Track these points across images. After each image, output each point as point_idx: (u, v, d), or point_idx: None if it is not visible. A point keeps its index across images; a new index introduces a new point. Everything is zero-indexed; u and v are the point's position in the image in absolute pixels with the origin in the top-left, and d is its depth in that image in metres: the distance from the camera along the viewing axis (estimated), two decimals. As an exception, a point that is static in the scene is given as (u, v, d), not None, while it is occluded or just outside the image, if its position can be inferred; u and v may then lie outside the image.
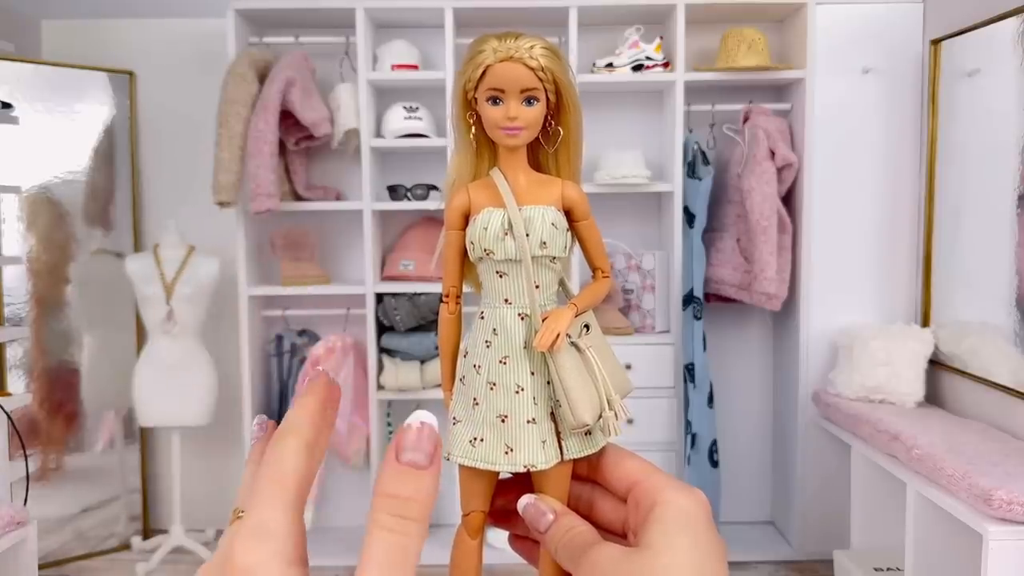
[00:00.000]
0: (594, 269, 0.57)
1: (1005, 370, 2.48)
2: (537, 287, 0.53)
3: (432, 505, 0.32)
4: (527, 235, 0.52)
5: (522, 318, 0.52)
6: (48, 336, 3.16)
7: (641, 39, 3.05)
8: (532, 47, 0.51)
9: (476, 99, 0.53)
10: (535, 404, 0.51)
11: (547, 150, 0.56)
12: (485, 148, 0.55)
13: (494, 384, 0.51)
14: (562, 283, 0.56)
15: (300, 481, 0.33)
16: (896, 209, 3.08)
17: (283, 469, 0.33)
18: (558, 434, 0.51)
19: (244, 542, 0.31)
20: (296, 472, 0.33)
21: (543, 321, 0.51)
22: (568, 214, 0.54)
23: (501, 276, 0.53)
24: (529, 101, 0.52)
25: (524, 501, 0.47)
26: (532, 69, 0.51)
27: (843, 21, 3.02)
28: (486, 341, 0.52)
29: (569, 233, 0.54)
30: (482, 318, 0.54)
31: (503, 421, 0.51)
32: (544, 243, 0.52)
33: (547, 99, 0.53)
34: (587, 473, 0.50)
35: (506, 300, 0.53)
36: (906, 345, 2.79)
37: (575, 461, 0.51)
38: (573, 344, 0.52)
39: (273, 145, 2.82)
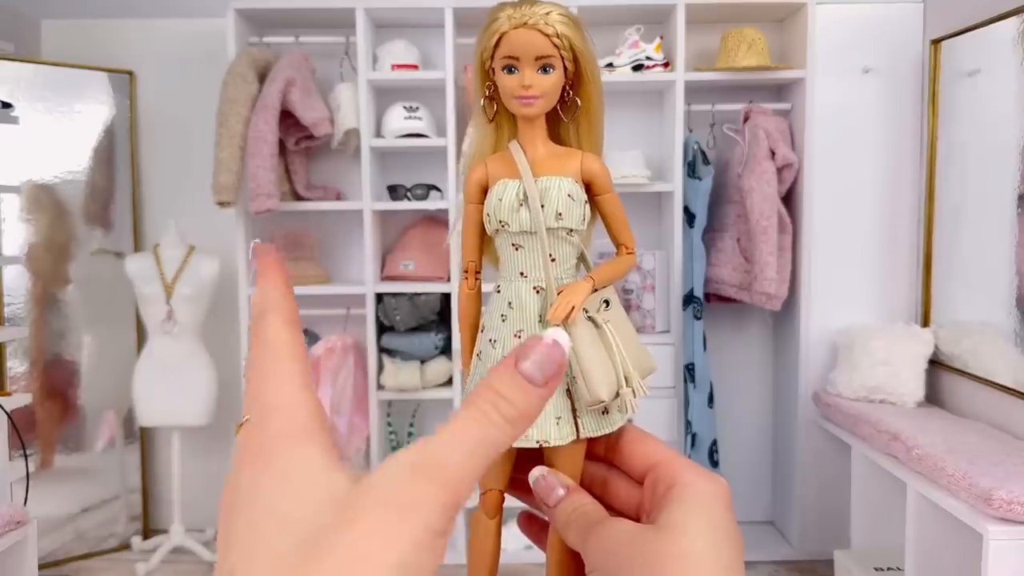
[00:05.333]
0: (617, 245, 0.55)
1: (1005, 370, 2.48)
2: (553, 260, 0.51)
3: (531, 424, 0.30)
4: (542, 206, 0.50)
5: (537, 291, 0.51)
6: (48, 336, 3.16)
7: (641, 39, 3.05)
8: (548, 13, 0.50)
9: (493, 69, 0.51)
10: None
11: (565, 121, 0.54)
12: (505, 120, 0.54)
13: None
14: (583, 258, 0.54)
15: (295, 354, 0.31)
16: (896, 209, 3.08)
17: (275, 348, 0.32)
18: (574, 411, 0.49)
19: (253, 425, 0.30)
20: (289, 346, 0.32)
21: (559, 294, 0.50)
22: (588, 187, 0.52)
23: (517, 249, 0.52)
24: (545, 69, 0.50)
25: (536, 473, 0.46)
26: (547, 36, 0.50)
27: (843, 21, 3.02)
28: (502, 315, 0.51)
29: (588, 206, 0.52)
30: (498, 292, 0.53)
31: None
32: (560, 214, 0.50)
33: (564, 68, 0.51)
34: (604, 453, 0.49)
35: (521, 273, 0.52)
36: (906, 345, 2.79)
37: (591, 441, 0.49)
38: (590, 319, 0.51)
39: (273, 145, 2.82)
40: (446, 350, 3.11)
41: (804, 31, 2.98)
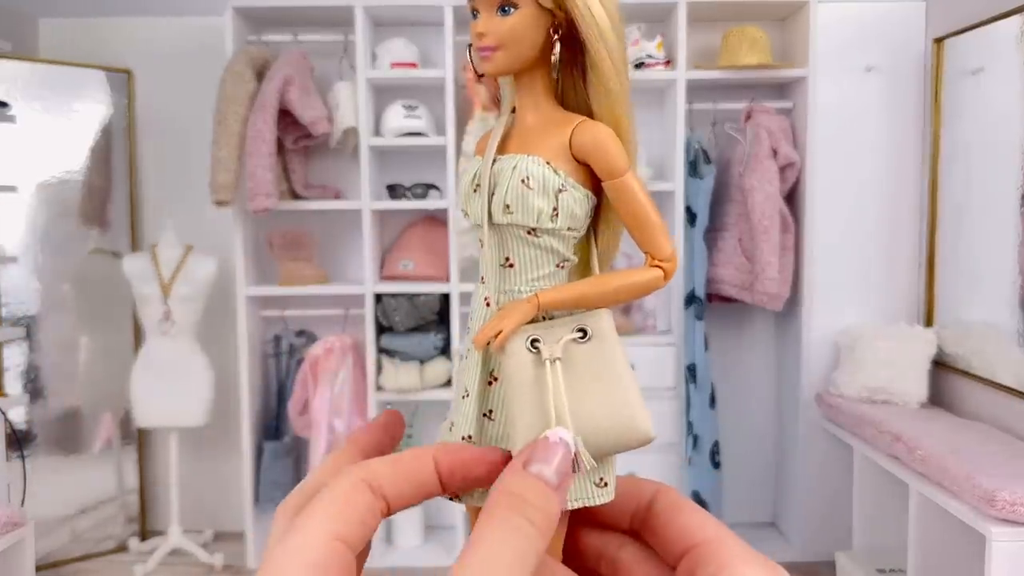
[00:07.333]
0: (644, 252, 0.41)
1: (1009, 371, 2.47)
2: (511, 266, 0.40)
3: (554, 525, 0.30)
4: (493, 194, 0.39)
5: (488, 304, 0.40)
6: (45, 336, 3.14)
7: (642, 37, 3.03)
8: None
9: None
10: (487, 419, 0.39)
11: (571, 81, 0.42)
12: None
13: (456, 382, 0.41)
14: (588, 267, 0.42)
15: (338, 514, 0.31)
16: (899, 208, 3.06)
17: (328, 497, 0.32)
18: None
19: (278, 559, 0.30)
20: (332, 506, 0.31)
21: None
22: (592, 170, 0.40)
23: (483, 245, 0.40)
24: (504, 9, 0.39)
25: None
26: None
27: (845, 19, 3.01)
28: (468, 326, 0.42)
29: (575, 195, 0.39)
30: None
31: (450, 430, 0.40)
32: (507, 206, 0.39)
33: (544, 9, 0.39)
34: (629, 524, 0.38)
35: (483, 278, 0.41)
36: (909, 346, 2.77)
37: (604, 508, 0.38)
38: (535, 350, 0.38)
39: (271, 144, 2.80)
40: (445, 351, 3.09)
41: (806, 29, 2.97)
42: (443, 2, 2.92)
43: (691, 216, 2.98)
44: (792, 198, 3.03)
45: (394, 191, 3.12)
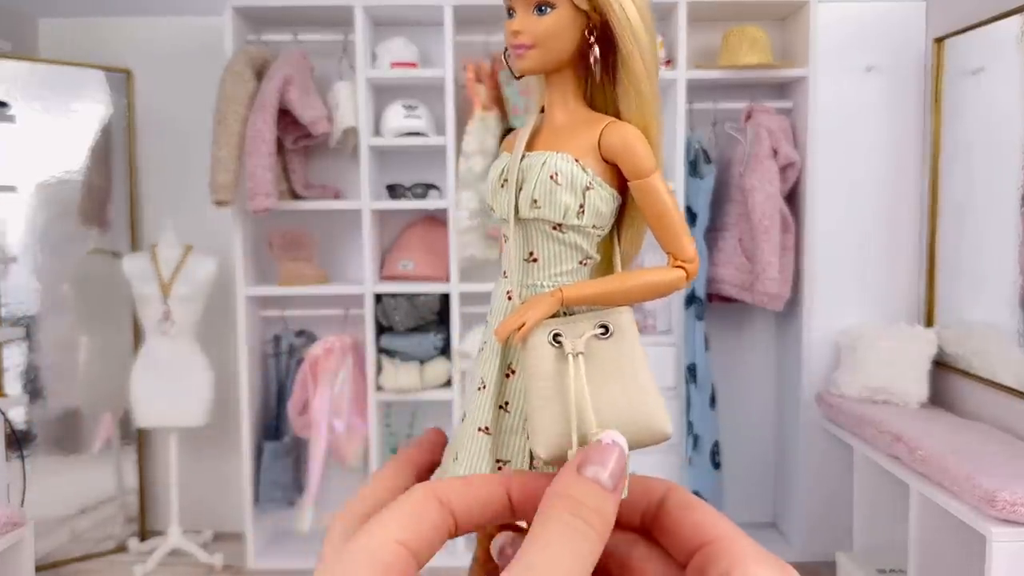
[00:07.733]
0: (667, 253, 0.42)
1: (1009, 371, 2.47)
2: (534, 260, 0.40)
3: (610, 529, 0.30)
4: (520, 189, 0.40)
5: (510, 298, 0.41)
6: (45, 336, 3.14)
7: (642, 37, 3.02)
8: None
9: None
10: (503, 411, 0.40)
11: (599, 82, 0.42)
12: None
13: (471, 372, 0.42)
14: (610, 264, 0.43)
15: (406, 523, 0.32)
16: (900, 208, 3.06)
17: (398, 506, 0.33)
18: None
19: (346, 558, 0.30)
20: (401, 515, 0.32)
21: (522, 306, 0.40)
22: (619, 170, 0.40)
23: (507, 240, 0.41)
24: (541, 8, 0.40)
25: (499, 542, 0.37)
26: None
27: (845, 19, 3.01)
28: (487, 320, 0.43)
29: (602, 194, 0.40)
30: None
31: (462, 420, 0.41)
32: (535, 201, 0.39)
33: (580, 10, 0.40)
34: (640, 522, 0.37)
35: (504, 272, 0.42)
36: (910, 346, 2.77)
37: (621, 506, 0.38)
38: (557, 344, 0.38)
39: (271, 144, 2.80)
40: (445, 351, 3.09)
41: (806, 29, 2.96)
42: (443, 2, 2.92)
43: (691, 216, 2.98)
44: (792, 198, 3.03)
45: (394, 191, 3.12)
